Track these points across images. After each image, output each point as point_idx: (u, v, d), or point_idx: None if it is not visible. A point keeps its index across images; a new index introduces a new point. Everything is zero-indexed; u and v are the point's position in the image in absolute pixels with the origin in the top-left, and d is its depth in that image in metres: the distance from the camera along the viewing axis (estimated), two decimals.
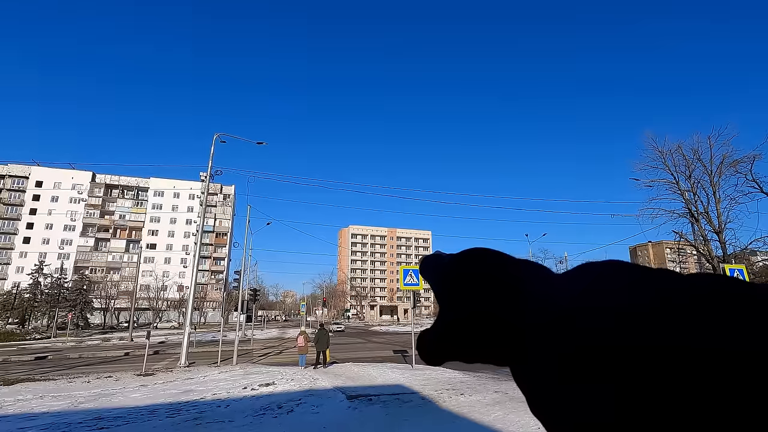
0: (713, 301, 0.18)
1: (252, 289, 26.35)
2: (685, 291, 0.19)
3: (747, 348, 0.16)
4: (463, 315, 0.27)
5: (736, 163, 22.38)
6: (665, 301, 0.19)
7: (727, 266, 14.60)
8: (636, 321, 0.19)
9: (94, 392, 11.47)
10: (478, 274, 0.28)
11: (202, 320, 70.93)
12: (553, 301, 0.23)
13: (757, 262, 74.53)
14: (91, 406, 9.43)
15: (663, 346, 0.17)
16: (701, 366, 0.16)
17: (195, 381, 12.99)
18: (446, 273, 0.30)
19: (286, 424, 7.15)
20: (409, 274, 14.60)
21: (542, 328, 0.23)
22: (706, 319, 0.17)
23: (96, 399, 10.33)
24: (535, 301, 0.25)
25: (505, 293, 0.26)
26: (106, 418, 8.04)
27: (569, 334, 0.21)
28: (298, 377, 12.60)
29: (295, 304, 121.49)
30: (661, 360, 0.17)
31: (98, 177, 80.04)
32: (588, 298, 0.21)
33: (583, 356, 0.19)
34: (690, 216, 24.00)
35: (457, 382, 11.06)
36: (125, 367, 18.72)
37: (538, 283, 0.26)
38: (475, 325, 0.26)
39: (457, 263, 0.30)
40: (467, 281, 0.28)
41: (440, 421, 7.08)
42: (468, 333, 0.26)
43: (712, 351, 0.16)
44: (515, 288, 0.26)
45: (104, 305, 64.16)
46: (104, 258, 76.45)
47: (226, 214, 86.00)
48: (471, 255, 0.30)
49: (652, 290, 0.20)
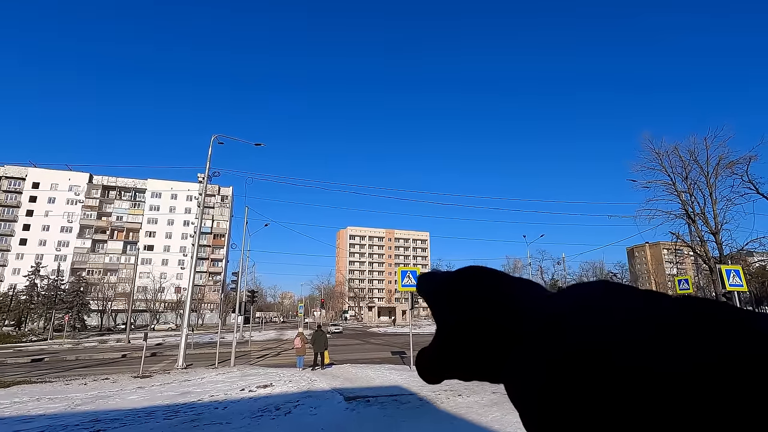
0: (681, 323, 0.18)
1: (250, 291, 26.30)
2: (672, 311, 0.19)
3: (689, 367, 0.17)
4: (461, 321, 0.27)
5: (732, 165, 22.51)
6: (654, 322, 0.19)
7: (723, 267, 14.64)
8: (624, 333, 0.19)
9: (91, 394, 11.43)
10: (473, 293, 0.28)
11: (200, 322, 70.69)
12: (544, 312, 0.24)
13: (754, 263, 74.67)
14: (87, 408, 9.40)
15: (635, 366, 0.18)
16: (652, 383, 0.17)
17: (192, 383, 12.95)
18: (441, 291, 0.30)
19: (284, 426, 7.14)
20: (407, 275, 14.60)
21: (532, 336, 0.23)
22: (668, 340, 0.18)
23: (93, 401, 10.29)
24: (528, 312, 0.25)
25: (500, 308, 0.26)
26: (103, 420, 8.02)
27: (558, 341, 0.21)
28: (296, 379, 12.58)
29: (293, 306, 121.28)
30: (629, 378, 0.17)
31: (95, 178, 79.81)
32: (578, 311, 0.22)
33: (571, 362, 0.19)
34: (687, 217, 24.11)
35: (455, 383, 11.05)
36: (122, 369, 18.65)
37: (531, 301, 0.26)
38: (471, 332, 0.26)
39: (453, 281, 0.30)
40: (462, 298, 0.28)
41: (438, 422, 7.09)
42: (465, 344, 0.27)
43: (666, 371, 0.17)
44: (509, 304, 0.27)
45: (101, 307, 63.94)
46: (101, 260, 76.18)
47: (224, 215, 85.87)
48: (466, 273, 0.30)
49: (641, 311, 0.20)
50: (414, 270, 14.84)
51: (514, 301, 0.27)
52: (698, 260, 30.76)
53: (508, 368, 0.25)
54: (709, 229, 23.19)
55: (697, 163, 23.84)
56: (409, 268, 15.44)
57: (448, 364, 0.28)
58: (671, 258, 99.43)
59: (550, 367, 0.21)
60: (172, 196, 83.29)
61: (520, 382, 0.23)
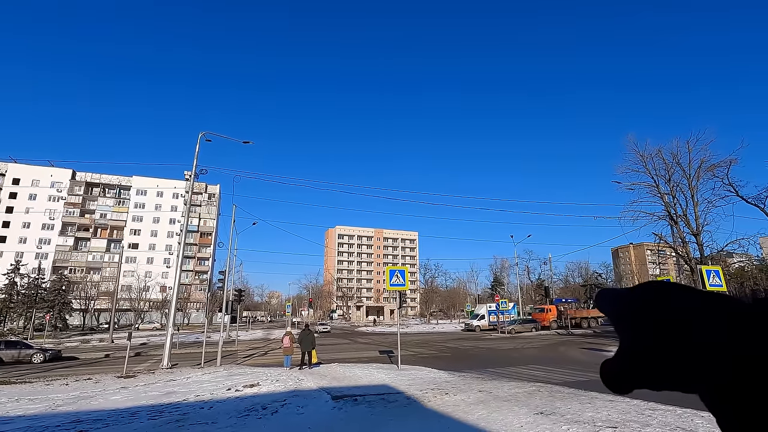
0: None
1: (237, 290, 26.03)
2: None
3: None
4: (654, 342, 0.28)
5: (713, 168, 23.05)
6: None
7: (704, 267, 15.01)
8: None
9: (73, 395, 11.22)
10: (661, 305, 0.29)
11: (186, 321, 69.78)
12: (743, 320, 0.24)
13: (733, 263, 76.67)
14: (69, 409, 9.22)
15: None
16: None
17: (178, 382, 12.80)
18: (627, 305, 0.31)
19: (271, 425, 7.11)
20: (395, 274, 14.64)
21: (740, 342, 0.23)
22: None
23: (75, 402, 10.10)
24: (727, 321, 0.25)
25: (695, 322, 0.27)
26: (85, 421, 7.88)
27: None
28: (283, 378, 12.52)
29: (280, 305, 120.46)
30: None
31: (78, 175, 78.15)
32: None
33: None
34: (669, 219, 24.62)
35: (442, 382, 11.14)
36: (106, 369, 18.34)
37: (721, 317, 0.26)
38: (666, 350, 0.27)
39: (639, 295, 0.31)
40: (650, 312, 0.29)
41: (425, 420, 7.13)
42: (659, 360, 0.28)
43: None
44: (701, 316, 0.27)
45: (84, 306, 62.65)
46: (84, 258, 74.65)
47: (211, 213, 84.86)
48: (650, 287, 0.31)
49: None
50: (402, 270, 14.88)
51: (705, 313, 0.27)
52: (680, 261, 31.47)
53: (712, 378, 0.25)
54: (691, 230, 23.71)
55: (679, 165, 24.40)
56: (397, 267, 15.47)
57: (641, 378, 0.29)
58: (654, 258, 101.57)
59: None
60: (158, 194, 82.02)
61: (730, 392, 0.23)
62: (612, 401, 8.04)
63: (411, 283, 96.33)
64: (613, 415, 6.80)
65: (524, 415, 7.03)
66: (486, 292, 78.13)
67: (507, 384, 10.68)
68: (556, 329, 39.61)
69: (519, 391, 9.41)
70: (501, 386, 10.27)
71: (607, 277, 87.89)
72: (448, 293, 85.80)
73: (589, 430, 5.91)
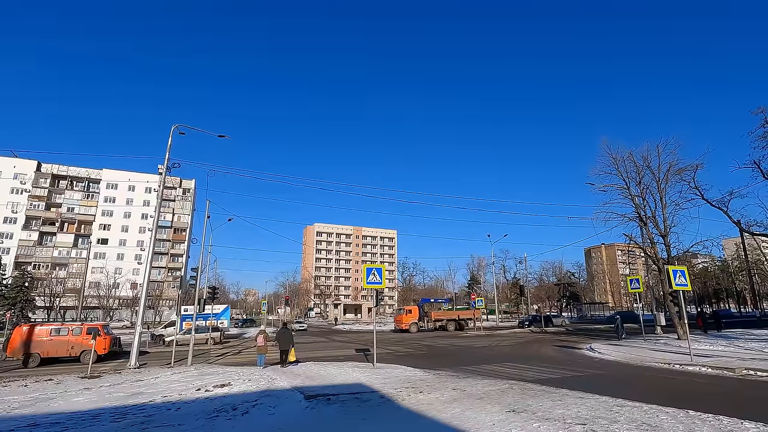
0: None
1: (211, 287, 25.42)
2: None
3: None
4: None
5: (681, 171, 23.90)
6: None
7: (670, 267, 15.52)
8: None
9: (31, 397, 10.69)
10: None
11: (158, 319, 67.81)
12: None
13: (698, 264, 79.54)
14: (26, 412, 8.76)
15: None
16: None
17: (145, 383, 12.37)
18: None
19: (241, 427, 6.91)
20: (372, 272, 14.55)
21: None
22: None
23: (32, 404, 9.61)
24: None
25: None
26: (41, 424, 7.48)
27: None
28: (255, 377, 12.28)
29: (257, 303, 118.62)
30: None
31: (44, 167, 74.73)
32: None
33: None
34: (639, 220, 25.40)
35: (417, 380, 11.13)
36: (69, 370, 17.60)
37: None
38: None
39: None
40: None
41: (398, 420, 7.08)
42: None
43: None
44: None
45: (49, 303, 60.01)
46: (50, 253, 71.49)
47: (186, 209, 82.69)
48: None
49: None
50: (379, 268, 14.80)
51: None
52: (648, 261, 32.54)
53: None
54: (659, 231, 24.51)
55: (649, 168, 25.16)
56: (375, 265, 15.39)
57: None
58: (624, 258, 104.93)
59: None
60: (129, 188, 79.30)
61: None
62: (582, 398, 8.18)
63: (389, 282, 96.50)
64: (582, 412, 6.92)
65: (497, 413, 7.06)
66: (463, 290, 78.96)
67: (481, 382, 10.76)
68: (416, 332, 38.77)
69: (492, 389, 9.48)
70: (475, 384, 10.33)
71: (579, 276, 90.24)
72: (426, 291, 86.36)
73: (560, 427, 5.98)
